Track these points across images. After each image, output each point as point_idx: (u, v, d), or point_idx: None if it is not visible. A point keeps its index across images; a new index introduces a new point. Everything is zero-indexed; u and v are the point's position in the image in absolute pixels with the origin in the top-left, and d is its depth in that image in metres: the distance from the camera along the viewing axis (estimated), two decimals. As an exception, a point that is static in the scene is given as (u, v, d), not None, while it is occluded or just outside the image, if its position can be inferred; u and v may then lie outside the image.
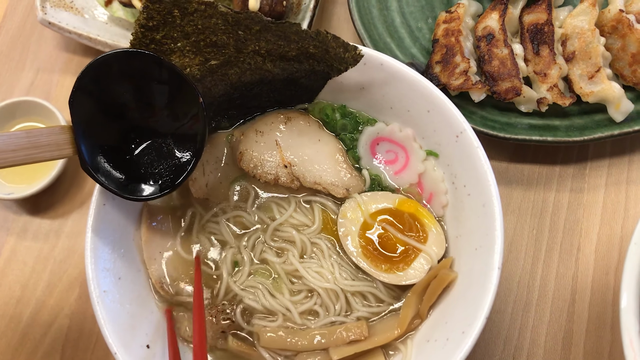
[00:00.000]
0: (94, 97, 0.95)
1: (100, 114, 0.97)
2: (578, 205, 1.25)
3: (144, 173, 1.00)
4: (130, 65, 0.95)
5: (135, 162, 1.00)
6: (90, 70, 0.93)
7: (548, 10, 1.25)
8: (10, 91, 1.45)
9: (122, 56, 0.95)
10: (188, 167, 0.99)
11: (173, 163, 1.00)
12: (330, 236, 1.07)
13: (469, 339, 0.88)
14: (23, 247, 1.31)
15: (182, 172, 0.99)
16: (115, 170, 0.98)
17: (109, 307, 0.96)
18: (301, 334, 1.00)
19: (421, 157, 1.08)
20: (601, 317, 1.16)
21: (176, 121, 1.00)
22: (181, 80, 0.97)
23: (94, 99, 0.96)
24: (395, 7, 1.36)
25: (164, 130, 1.01)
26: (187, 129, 1.00)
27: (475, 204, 0.98)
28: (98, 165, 0.96)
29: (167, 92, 0.99)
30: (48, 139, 0.93)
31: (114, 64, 0.94)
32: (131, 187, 0.98)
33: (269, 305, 1.03)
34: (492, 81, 1.22)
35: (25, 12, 1.52)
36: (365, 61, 1.05)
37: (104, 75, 0.95)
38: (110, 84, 0.96)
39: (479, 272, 0.93)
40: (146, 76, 0.97)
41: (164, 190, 0.99)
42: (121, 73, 0.96)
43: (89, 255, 0.97)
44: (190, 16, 0.97)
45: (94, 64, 0.93)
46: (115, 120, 0.99)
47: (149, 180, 1.00)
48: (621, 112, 1.19)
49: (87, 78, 0.94)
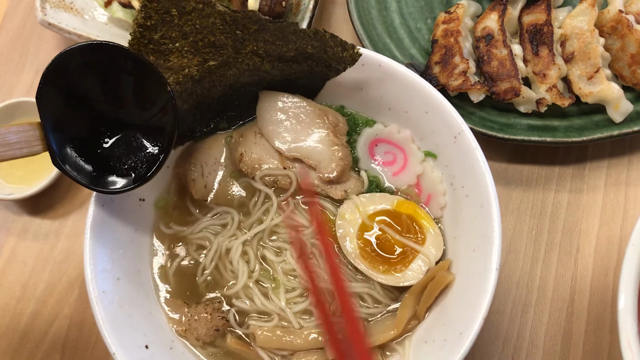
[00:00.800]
0: (61, 91, 0.94)
1: (69, 108, 0.96)
2: (577, 206, 1.25)
3: (115, 166, 0.99)
4: (96, 57, 0.94)
5: (107, 155, 0.99)
6: (55, 65, 0.92)
7: (547, 10, 1.25)
8: (10, 92, 1.45)
9: (86, 49, 0.93)
10: (160, 158, 0.98)
11: (145, 155, 0.99)
12: (329, 237, 1.07)
13: (466, 340, 0.88)
14: (23, 247, 1.31)
15: (154, 164, 0.98)
16: (87, 163, 0.97)
17: (108, 308, 0.96)
18: (297, 333, 1.00)
19: (419, 159, 1.08)
20: (600, 317, 1.16)
21: (146, 112, 0.99)
22: (149, 70, 0.95)
23: (62, 94, 0.94)
24: (394, 7, 1.36)
25: (135, 122, 0.99)
26: (157, 121, 0.98)
27: (474, 205, 0.98)
28: (69, 159, 0.95)
29: (135, 83, 0.97)
30: (17, 136, 0.92)
31: (79, 57, 0.93)
32: (103, 180, 0.97)
33: (263, 308, 1.03)
34: (491, 82, 1.21)
35: (25, 13, 1.53)
36: (364, 62, 1.05)
37: (70, 69, 0.93)
38: (77, 77, 0.94)
39: (477, 273, 0.93)
40: (113, 68, 0.95)
41: (136, 182, 0.97)
42: (87, 66, 0.94)
43: (87, 256, 0.97)
44: (188, 15, 0.97)
45: (59, 58, 0.92)
46: (85, 114, 0.97)
47: (121, 173, 0.98)
48: (620, 112, 1.19)
49: (53, 73, 0.92)
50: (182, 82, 1.01)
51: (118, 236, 1.03)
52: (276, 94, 1.09)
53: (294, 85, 1.10)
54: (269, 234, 1.08)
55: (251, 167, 1.09)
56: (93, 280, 0.96)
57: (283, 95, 1.09)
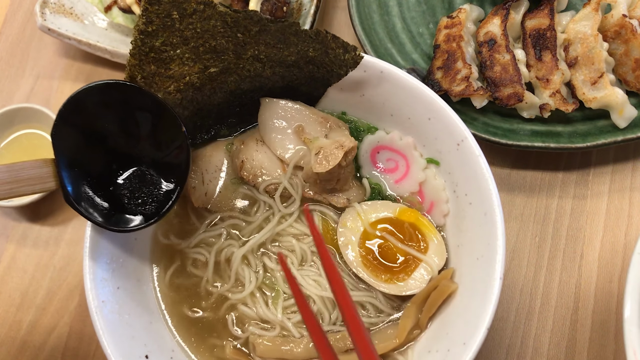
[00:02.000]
0: (76, 128, 0.95)
1: (83, 145, 0.97)
2: (581, 212, 1.24)
3: (128, 203, 0.99)
4: (112, 95, 0.95)
5: (120, 191, 1.00)
6: (71, 103, 0.93)
7: (550, 15, 1.24)
8: (10, 98, 1.44)
9: (103, 87, 0.94)
10: (173, 195, 0.99)
11: (157, 192, 1.00)
12: (331, 245, 1.06)
13: (470, 351, 0.87)
14: (23, 254, 1.30)
15: (167, 200, 0.99)
16: (100, 200, 0.97)
17: (108, 317, 0.95)
18: (297, 342, 0.99)
19: (422, 166, 1.07)
20: (605, 325, 1.15)
21: (160, 150, 1.00)
22: (163, 109, 0.97)
23: (77, 131, 0.95)
24: (396, 12, 1.36)
25: (148, 160, 1.01)
26: (172, 158, 1.00)
27: (477, 213, 0.97)
28: (82, 196, 0.96)
29: (150, 121, 0.99)
30: (30, 172, 0.92)
31: (95, 95, 0.94)
32: (116, 218, 0.97)
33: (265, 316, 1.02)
34: (494, 87, 1.21)
35: (24, 18, 1.52)
36: (365, 68, 1.04)
37: (86, 106, 0.94)
38: (93, 115, 0.96)
39: (481, 282, 0.92)
40: (128, 106, 0.97)
41: (149, 220, 0.98)
42: (104, 104, 0.95)
43: (87, 265, 0.96)
44: (189, 18, 0.96)
45: (75, 96, 0.93)
46: (99, 150, 0.99)
47: (133, 209, 0.99)
48: (624, 118, 1.18)
49: (69, 110, 0.93)
50: (183, 90, 1.01)
51: (118, 245, 1.02)
52: (277, 101, 1.08)
53: (295, 92, 1.10)
54: (270, 241, 1.07)
55: (252, 174, 1.08)
56: (93, 289, 0.95)
57: (284, 102, 1.08)
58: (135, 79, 0.98)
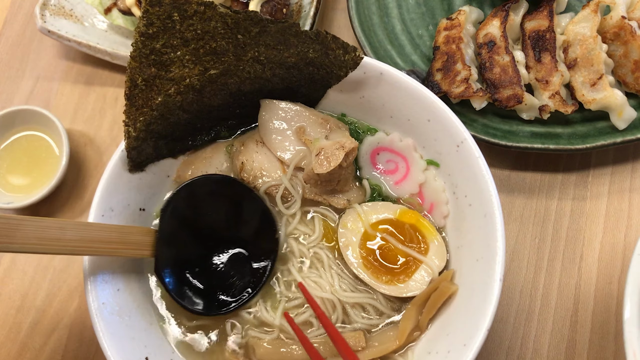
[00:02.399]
0: (182, 210, 1.03)
1: (184, 226, 1.03)
2: (581, 213, 1.24)
3: (222, 284, 1.04)
4: (226, 189, 1.05)
5: (209, 273, 1.05)
6: (188, 187, 1.02)
7: (550, 16, 1.24)
8: (10, 99, 1.44)
9: (221, 180, 1.05)
10: (264, 277, 1.04)
11: (246, 274, 1.04)
12: (331, 246, 1.06)
13: (470, 352, 0.87)
14: (23, 256, 1.30)
15: (261, 278, 1.03)
16: (190, 282, 1.03)
17: (108, 319, 0.95)
18: (297, 344, 0.99)
19: (422, 167, 1.07)
20: (604, 326, 1.15)
21: (254, 248, 1.06)
22: (267, 215, 1.05)
23: (182, 212, 1.03)
24: (395, 14, 1.36)
25: (240, 248, 1.07)
26: (261, 253, 1.05)
27: (477, 215, 0.97)
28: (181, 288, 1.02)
29: (252, 221, 1.06)
30: (136, 238, 0.98)
31: (211, 185, 1.04)
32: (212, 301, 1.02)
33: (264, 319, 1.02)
34: (494, 89, 1.21)
35: (24, 20, 1.52)
36: (365, 70, 1.04)
37: (199, 193, 1.03)
38: (202, 201, 1.04)
39: (481, 283, 0.92)
40: (236, 202, 1.05)
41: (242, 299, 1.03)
42: (216, 194, 1.04)
43: (87, 267, 0.97)
44: (189, 20, 0.96)
45: (195, 182, 1.03)
46: (197, 235, 1.05)
47: (227, 290, 1.03)
48: (624, 119, 1.18)
49: (183, 192, 1.01)
50: (183, 92, 1.01)
51: (118, 246, 1.03)
52: (277, 103, 1.08)
53: (295, 94, 1.10)
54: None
55: (253, 175, 1.08)
56: (93, 291, 0.96)
57: (284, 104, 1.08)
58: (136, 82, 0.98)
